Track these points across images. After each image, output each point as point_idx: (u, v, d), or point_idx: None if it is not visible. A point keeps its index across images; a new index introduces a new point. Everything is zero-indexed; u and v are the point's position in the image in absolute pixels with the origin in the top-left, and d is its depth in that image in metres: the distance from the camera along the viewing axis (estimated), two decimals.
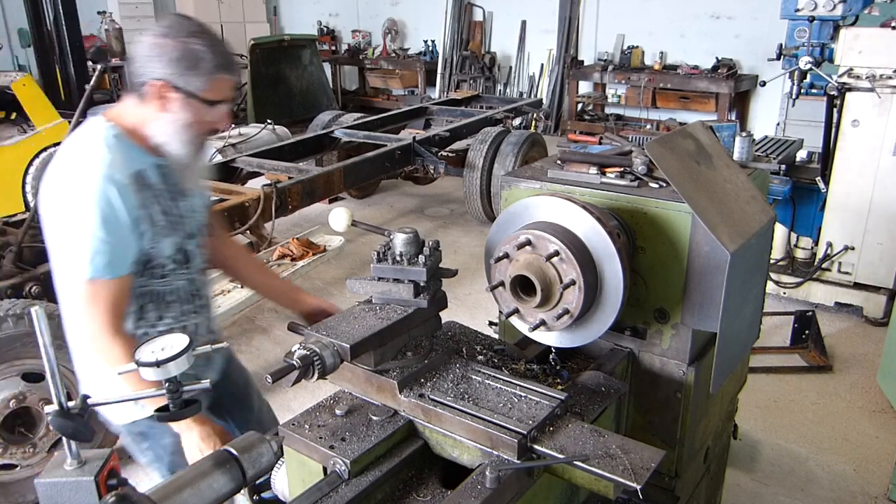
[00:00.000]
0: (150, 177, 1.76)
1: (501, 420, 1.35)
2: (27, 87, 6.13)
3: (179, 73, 1.67)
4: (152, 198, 1.75)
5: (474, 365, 1.56)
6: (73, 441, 1.01)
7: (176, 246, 1.83)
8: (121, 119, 1.76)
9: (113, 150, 1.69)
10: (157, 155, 1.78)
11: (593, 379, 1.65)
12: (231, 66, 1.75)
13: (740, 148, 2.94)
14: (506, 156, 6.17)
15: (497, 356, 1.72)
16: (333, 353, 1.39)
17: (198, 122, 1.76)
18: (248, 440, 1.21)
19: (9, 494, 3.00)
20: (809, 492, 3.13)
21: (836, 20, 4.40)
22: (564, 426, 1.38)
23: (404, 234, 1.53)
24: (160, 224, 1.76)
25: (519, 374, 1.64)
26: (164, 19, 1.74)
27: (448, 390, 1.46)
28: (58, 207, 1.68)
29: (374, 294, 1.55)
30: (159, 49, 1.67)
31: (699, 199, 1.65)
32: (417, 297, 1.53)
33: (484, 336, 1.83)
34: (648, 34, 9.59)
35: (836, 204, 4.59)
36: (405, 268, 1.52)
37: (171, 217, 1.80)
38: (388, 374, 1.48)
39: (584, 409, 1.54)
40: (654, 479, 1.92)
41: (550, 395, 1.44)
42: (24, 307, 2.90)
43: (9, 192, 5.96)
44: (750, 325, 1.94)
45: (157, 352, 1.15)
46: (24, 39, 10.15)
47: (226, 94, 1.76)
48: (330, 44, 12.61)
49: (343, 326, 1.46)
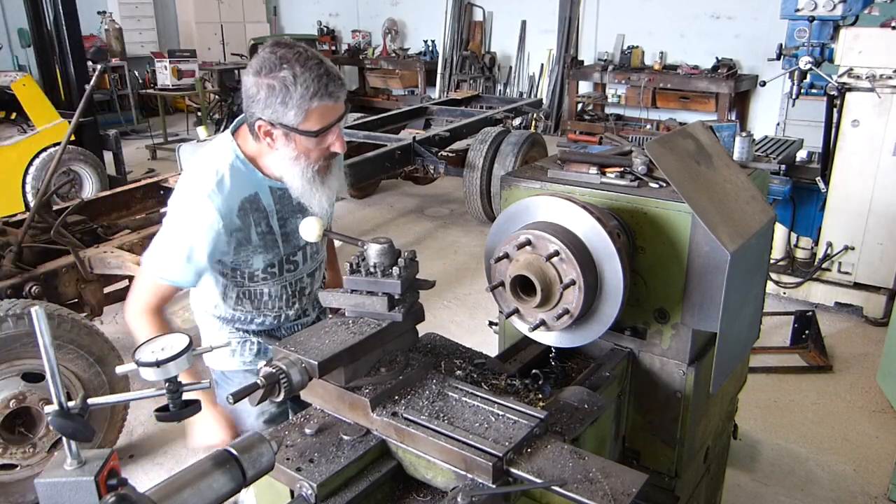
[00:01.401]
0: (262, 199, 1.84)
1: (477, 441, 1.28)
2: (27, 87, 6.13)
3: (274, 110, 1.66)
4: (259, 220, 1.84)
5: (452, 381, 1.49)
6: (73, 441, 1.01)
7: (267, 262, 1.90)
8: (245, 145, 1.83)
9: (232, 174, 1.78)
10: (276, 179, 1.83)
11: (576, 395, 1.58)
12: (325, 90, 1.66)
13: (740, 148, 2.94)
14: (506, 156, 6.17)
15: (477, 370, 1.64)
16: (301, 370, 1.31)
17: (306, 152, 1.75)
18: (249, 440, 1.21)
19: (9, 494, 3.00)
20: (809, 492, 3.13)
21: (836, 20, 4.40)
22: (543, 447, 1.31)
23: (378, 245, 1.47)
24: (254, 244, 1.85)
25: (499, 389, 1.57)
26: (261, 51, 1.70)
27: (423, 408, 1.39)
28: (170, 209, 1.84)
29: (347, 307, 1.48)
30: (255, 88, 1.67)
31: (699, 199, 1.65)
32: (392, 310, 1.45)
33: (465, 349, 1.74)
34: (648, 34, 9.59)
35: (836, 204, 4.59)
36: (379, 280, 1.45)
37: (270, 237, 1.87)
38: (360, 391, 1.40)
39: (565, 428, 1.46)
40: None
41: (529, 413, 1.36)
42: (24, 307, 2.91)
43: (9, 192, 5.97)
44: (750, 325, 1.94)
45: (157, 352, 1.15)
46: (24, 39, 10.15)
47: (327, 120, 1.71)
48: (330, 44, 12.62)
49: (313, 342, 1.39)
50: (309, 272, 2.04)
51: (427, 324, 1.61)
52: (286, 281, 1.98)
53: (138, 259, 3.52)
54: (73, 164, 6.15)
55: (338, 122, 1.75)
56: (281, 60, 1.64)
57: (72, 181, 6.17)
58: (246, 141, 1.82)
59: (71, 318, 3.02)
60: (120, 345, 3.35)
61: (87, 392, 2.98)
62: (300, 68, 1.64)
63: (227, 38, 12.01)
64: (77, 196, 5.93)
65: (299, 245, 1.96)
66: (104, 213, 4.41)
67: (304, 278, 2.03)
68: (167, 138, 9.67)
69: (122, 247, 3.66)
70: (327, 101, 1.67)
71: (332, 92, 1.68)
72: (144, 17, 11.89)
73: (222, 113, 9.98)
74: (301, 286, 2.03)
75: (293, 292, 2.01)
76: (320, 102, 1.66)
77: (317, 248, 2.04)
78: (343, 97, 1.73)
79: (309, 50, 1.69)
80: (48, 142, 6.09)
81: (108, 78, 10.55)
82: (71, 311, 3.12)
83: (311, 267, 2.04)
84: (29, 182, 6.05)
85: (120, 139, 6.95)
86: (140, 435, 3.56)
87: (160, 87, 9.77)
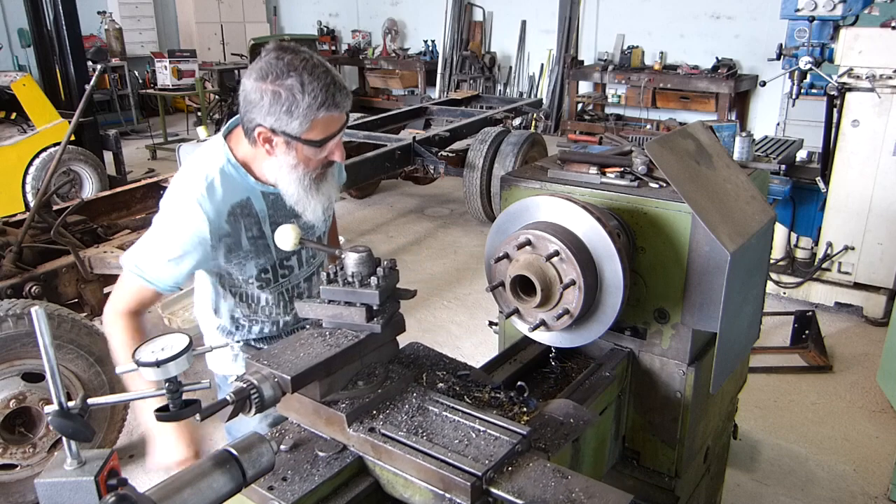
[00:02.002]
0: (255, 204, 1.81)
1: (455, 459, 1.22)
2: (27, 87, 6.14)
3: (277, 118, 1.62)
4: (250, 225, 1.81)
5: (433, 394, 1.43)
6: (73, 441, 1.01)
7: (261, 267, 1.87)
8: (237, 149, 1.79)
9: (223, 179, 1.75)
10: (269, 184, 1.80)
11: (561, 409, 1.52)
12: (332, 100, 1.63)
13: (740, 148, 2.94)
14: (506, 156, 6.18)
15: (460, 383, 1.57)
16: (274, 385, 1.26)
17: (305, 161, 1.71)
18: (249, 440, 1.21)
19: (9, 494, 3.00)
20: (809, 492, 3.13)
21: (836, 20, 4.40)
22: (525, 465, 1.26)
23: (356, 254, 1.41)
24: (245, 249, 1.82)
25: (483, 402, 1.51)
26: (265, 54, 1.64)
27: (401, 424, 1.33)
28: (160, 210, 1.81)
29: (325, 318, 1.43)
30: (258, 94, 1.62)
31: (699, 199, 1.65)
32: (371, 321, 1.39)
33: (449, 360, 1.67)
34: (648, 34, 9.60)
35: (836, 204, 4.59)
36: (357, 290, 1.39)
37: (261, 242, 1.84)
38: (336, 405, 1.34)
39: (548, 444, 1.40)
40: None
41: (512, 429, 1.31)
42: (24, 307, 2.91)
43: (9, 192, 5.97)
44: (750, 325, 1.94)
45: (157, 352, 1.15)
46: (24, 39, 10.16)
47: (330, 130, 1.68)
48: (330, 44, 12.63)
49: (287, 355, 1.33)
50: (305, 277, 2.02)
51: (427, 324, 1.61)
52: (282, 287, 1.96)
53: None
54: (73, 164, 6.15)
55: (340, 131, 1.72)
56: (288, 67, 1.59)
57: (72, 181, 6.18)
58: (239, 144, 1.78)
59: (71, 318, 3.02)
60: None
61: (87, 392, 2.98)
62: (308, 77, 1.59)
63: (227, 38, 12.02)
64: (77, 196, 5.94)
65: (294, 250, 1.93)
66: (104, 213, 4.41)
67: (301, 283, 2.01)
68: (167, 138, 9.68)
69: (122, 247, 3.66)
70: (333, 111, 1.64)
71: (339, 102, 1.64)
72: (144, 17, 11.90)
73: (222, 113, 9.99)
74: (298, 292, 2.01)
75: (290, 298, 1.99)
76: (327, 113, 1.63)
77: (313, 252, 2.01)
78: (348, 107, 1.70)
79: (315, 56, 1.65)
80: (48, 142, 6.10)
81: (108, 78, 10.56)
82: (71, 311, 3.13)
83: (307, 272, 2.02)
84: (29, 182, 6.06)
85: (120, 139, 6.95)
86: (140, 435, 3.55)
87: (160, 87, 9.77)
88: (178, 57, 9.67)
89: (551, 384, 1.89)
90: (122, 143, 7.00)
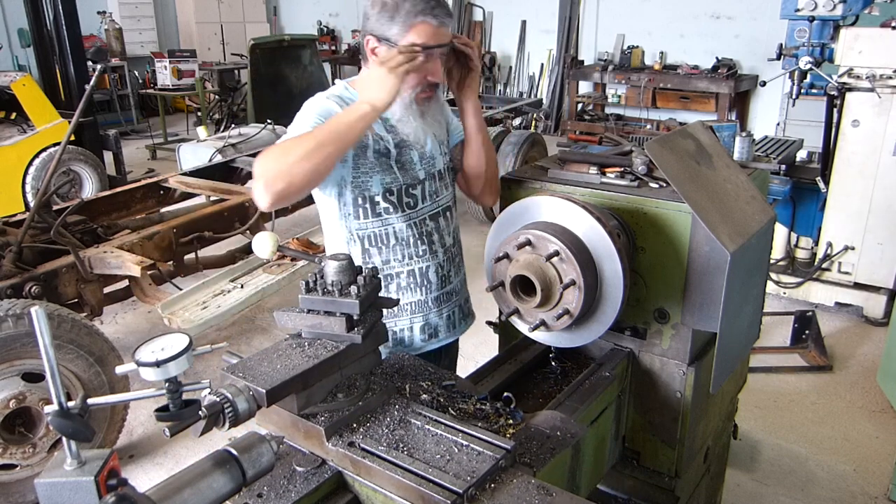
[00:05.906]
0: (374, 125, 1.83)
1: (436, 475, 1.19)
2: (27, 87, 6.14)
3: (381, 25, 1.76)
4: (377, 138, 1.86)
5: (416, 406, 1.39)
6: (73, 441, 1.01)
7: (386, 186, 1.88)
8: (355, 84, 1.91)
9: (344, 100, 1.85)
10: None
11: (548, 421, 1.48)
12: (431, 11, 1.74)
13: (740, 148, 2.94)
14: (506, 156, 6.17)
15: (445, 394, 1.53)
16: (249, 398, 1.21)
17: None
18: (249, 440, 1.21)
19: (9, 494, 3.00)
20: (809, 492, 3.13)
21: (836, 20, 4.40)
22: (508, 482, 1.22)
23: (336, 262, 1.37)
24: (370, 161, 1.85)
25: (468, 414, 1.47)
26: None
27: (382, 437, 1.30)
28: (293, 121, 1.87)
29: (304, 328, 1.39)
30: (371, 7, 1.78)
31: (699, 199, 1.65)
32: (351, 331, 1.35)
33: (434, 369, 1.64)
34: (648, 34, 9.59)
35: (836, 204, 4.59)
36: (336, 299, 1.34)
37: (385, 160, 1.87)
38: (315, 418, 1.31)
39: (534, 459, 1.36)
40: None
41: (495, 444, 1.27)
42: (24, 307, 2.90)
43: (9, 192, 5.97)
44: (750, 325, 1.94)
45: (156, 352, 1.15)
46: (24, 39, 10.15)
47: (427, 39, 1.75)
48: (330, 44, 12.62)
49: (263, 367, 1.29)
50: (430, 213, 1.98)
51: None
52: (410, 219, 1.94)
53: (138, 259, 3.53)
54: (73, 164, 6.15)
55: (439, 47, 1.78)
56: None
57: (72, 181, 6.18)
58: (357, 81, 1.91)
59: (71, 318, 3.02)
60: (120, 345, 3.35)
61: (87, 392, 2.98)
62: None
63: (227, 38, 12.01)
64: (77, 196, 5.94)
65: (418, 178, 1.93)
66: (104, 213, 4.41)
67: (427, 221, 1.98)
68: (167, 138, 9.67)
69: (122, 247, 3.66)
70: (431, 20, 1.74)
71: (437, 14, 1.75)
72: (144, 17, 11.90)
73: (222, 113, 9.98)
74: (427, 229, 1.98)
75: (419, 234, 1.95)
76: (424, 19, 1.73)
77: (435, 187, 1.99)
78: (448, 25, 1.79)
79: None
80: (48, 142, 6.10)
81: (108, 78, 10.55)
82: (71, 311, 3.12)
83: (431, 208, 1.98)
84: (29, 182, 6.06)
85: (120, 139, 6.94)
86: (140, 435, 3.56)
87: (160, 87, 9.76)
88: (178, 57, 9.67)
89: (551, 384, 1.89)
90: (121, 143, 6.99)
